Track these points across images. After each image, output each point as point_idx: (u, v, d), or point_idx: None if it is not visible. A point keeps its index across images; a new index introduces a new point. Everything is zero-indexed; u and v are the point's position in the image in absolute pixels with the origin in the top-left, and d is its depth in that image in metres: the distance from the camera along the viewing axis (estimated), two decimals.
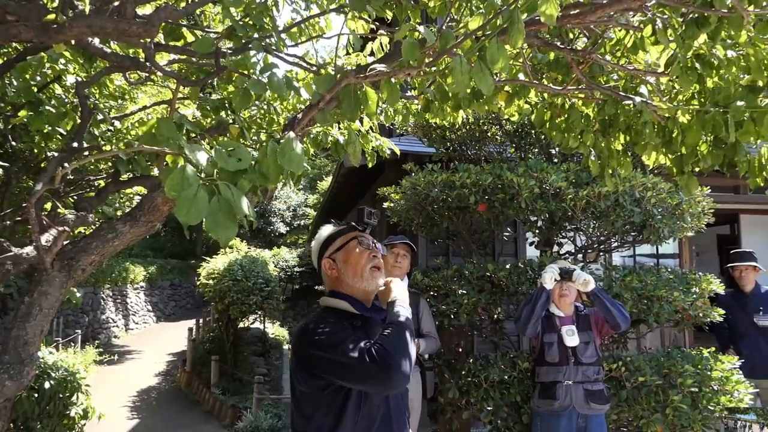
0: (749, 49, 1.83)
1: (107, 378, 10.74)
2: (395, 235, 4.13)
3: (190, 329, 11.97)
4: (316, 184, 27.66)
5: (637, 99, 1.96)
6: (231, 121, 2.84)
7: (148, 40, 1.77)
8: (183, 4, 3.72)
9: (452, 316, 4.53)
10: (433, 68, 1.87)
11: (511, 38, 1.37)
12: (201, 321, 13.82)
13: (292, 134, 1.30)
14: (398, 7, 2.63)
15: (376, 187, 6.08)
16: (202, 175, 1.19)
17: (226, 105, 2.96)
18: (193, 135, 2.46)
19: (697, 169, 2.27)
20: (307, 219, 26.88)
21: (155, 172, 2.85)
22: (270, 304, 10.46)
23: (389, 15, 2.66)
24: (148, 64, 1.98)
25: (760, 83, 1.89)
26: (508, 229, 6.40)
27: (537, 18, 1.42)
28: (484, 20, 1.53)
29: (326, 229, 2.07)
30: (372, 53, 3.07)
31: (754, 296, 5.05)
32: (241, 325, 11.69)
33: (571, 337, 3.81)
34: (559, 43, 2.04)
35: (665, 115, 2.00)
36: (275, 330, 15.69)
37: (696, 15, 1.72)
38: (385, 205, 5.57)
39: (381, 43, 2.91)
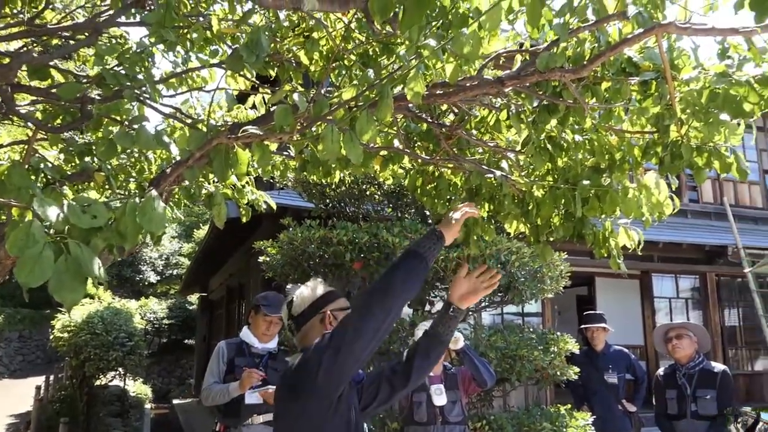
0: (593, 135, 2.06)
1: None
2: (271, 296, 3.99)
3: (38, 387, 10.83)
4: (192, 232, 26.55)
5: (498, 173, 2.11)
6: (97, 168, 2.69)
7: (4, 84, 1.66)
8: (55, 41, 3.53)
9: None
10: (313, 130, 1.91)
11: (380, 111, 1.44)
12: (52, 378, 12.56)
13: (154, 192, 1.26)
14: (281, 67, 2.67)
15: (254, 240, 5.98)
16: (51, 231, 1.12)
17: (93, 149, 2.80)
18: (52, 182, 2.29)
19: (551, 239, 2.46)
20: (180, 268, 25.57)
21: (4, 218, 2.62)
22: (132, 360, 9.85)
23: (272, 73, 2.69)
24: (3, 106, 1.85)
25: (603, 165, 2.12)
26: None
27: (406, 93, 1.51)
28: (358, 92, 1.60)
29: (321, 284, 2.06)
30: (254, 106, 3.07)
31: (604, 355, 5.45)
32: (98, 382, 10.84)
33: (440, 396, 3.88)
34: (428, 117, 2.17)
35: (522, 188, 2.17)
36: (137, 387, 14.67)
37: (547, 103, 1.91)
38: (261, 259, 5.48)
39: (263, 98, 2.93)
